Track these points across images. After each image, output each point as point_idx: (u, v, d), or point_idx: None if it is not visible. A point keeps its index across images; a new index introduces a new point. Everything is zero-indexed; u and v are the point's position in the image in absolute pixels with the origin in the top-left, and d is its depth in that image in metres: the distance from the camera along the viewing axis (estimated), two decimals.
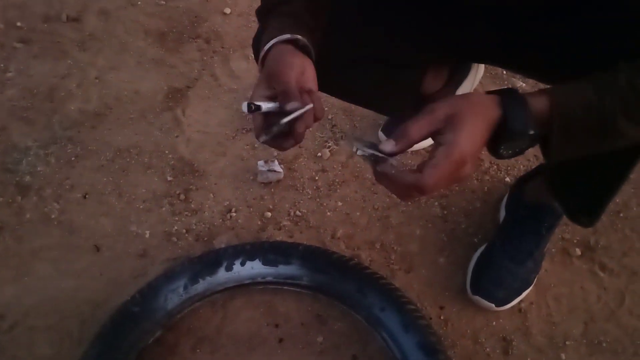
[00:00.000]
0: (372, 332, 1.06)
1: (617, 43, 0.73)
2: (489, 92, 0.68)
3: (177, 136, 1.44)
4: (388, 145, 0.66)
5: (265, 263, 1.12)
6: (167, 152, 1.40)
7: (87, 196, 1.32)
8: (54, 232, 1.26)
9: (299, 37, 0.76)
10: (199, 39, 1.66)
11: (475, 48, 0.97)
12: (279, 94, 0.71)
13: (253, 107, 0.68)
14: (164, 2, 1.76)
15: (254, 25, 1.69)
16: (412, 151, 1.36)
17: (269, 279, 1.12)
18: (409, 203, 1.30)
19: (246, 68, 1.59)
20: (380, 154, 0.66)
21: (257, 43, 0.83)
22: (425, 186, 0.63)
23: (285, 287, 1.14)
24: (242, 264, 1.12)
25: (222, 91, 1.54)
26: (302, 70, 0.73)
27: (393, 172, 0.66)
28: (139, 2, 1.76)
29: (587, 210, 1.01)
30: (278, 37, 0.76)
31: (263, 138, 0.69)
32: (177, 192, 1.33)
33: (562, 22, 0.82)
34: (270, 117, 0.71)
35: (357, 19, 0.96)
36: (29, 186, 1.33)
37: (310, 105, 0.70)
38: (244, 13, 1.73)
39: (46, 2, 1.76)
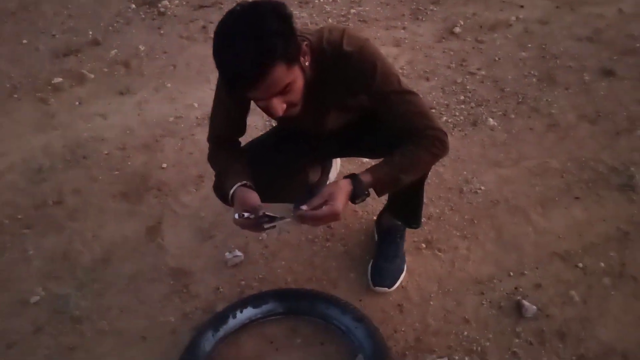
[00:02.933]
0: (328, 323, 1.84)
1: (387, 142, 1.65)
2: (345, 177, 1.53)
3: (164, 255, 2.16)
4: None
5: (254, 307, 1.87)
6: (162, 267, 2.12)
7: (122, 310, 1.98)
8: (108, 339, 1.90)
9: (246, 182, 1.58)
10: (153, 189, 2.42)
11: (329, 153, 1.90)
12: (251, 210, 1.51)
13: (243, 215, 1.48)
14: (117, 172, 2.51)
15: (185, 171, 2.50)
16: None
17: (259, 316, 1.87)
18: (326, 245, 2.13)
19: (191, 199, 2.37)
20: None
21: (221, 190, 1.65)
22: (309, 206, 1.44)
23: (269, 318, 1.89)
24: (241, 312, 1.86)
25: (182, 218, 2.30)
26: (254, 196, 1.55)
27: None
28: (100, 177, 2.49)
29: (413, 219, 1.91)
30: (237, 184, 1.57)
31: (265, 227, 1.49)
32: (180, 288, 2.04)
33: (358, 138, 1.75)
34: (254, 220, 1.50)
35: (263, 156, 1.81)
36: (80, 317, 1.96)
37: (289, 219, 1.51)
38: (177, 164, 2.53)
39: (29, 194, 2.43)
